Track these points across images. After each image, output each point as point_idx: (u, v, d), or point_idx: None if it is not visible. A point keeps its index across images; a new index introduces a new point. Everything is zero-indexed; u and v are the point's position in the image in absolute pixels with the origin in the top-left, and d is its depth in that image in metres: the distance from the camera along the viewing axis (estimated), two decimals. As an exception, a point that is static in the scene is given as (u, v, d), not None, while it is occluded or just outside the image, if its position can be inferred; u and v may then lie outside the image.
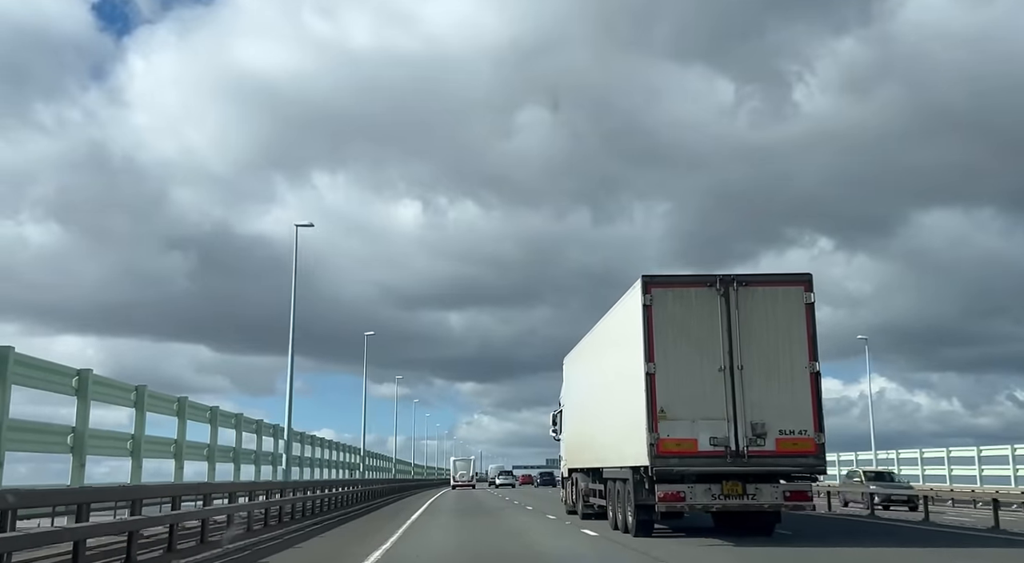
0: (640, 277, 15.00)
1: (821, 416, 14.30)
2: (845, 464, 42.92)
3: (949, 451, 37.26)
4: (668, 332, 14.59)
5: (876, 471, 32.86)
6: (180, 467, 15.92)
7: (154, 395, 14.81)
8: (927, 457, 38.81)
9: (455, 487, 68.94)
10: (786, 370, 14.39)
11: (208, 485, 15.57)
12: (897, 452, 41.66)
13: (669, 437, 14.23)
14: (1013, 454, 33.27)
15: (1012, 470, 32.53)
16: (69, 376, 11.92)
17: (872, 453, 44.20)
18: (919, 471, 38.16)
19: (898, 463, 40.25)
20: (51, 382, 11.56)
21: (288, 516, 19.71)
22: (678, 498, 14.40)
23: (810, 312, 14.55)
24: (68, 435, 11.75)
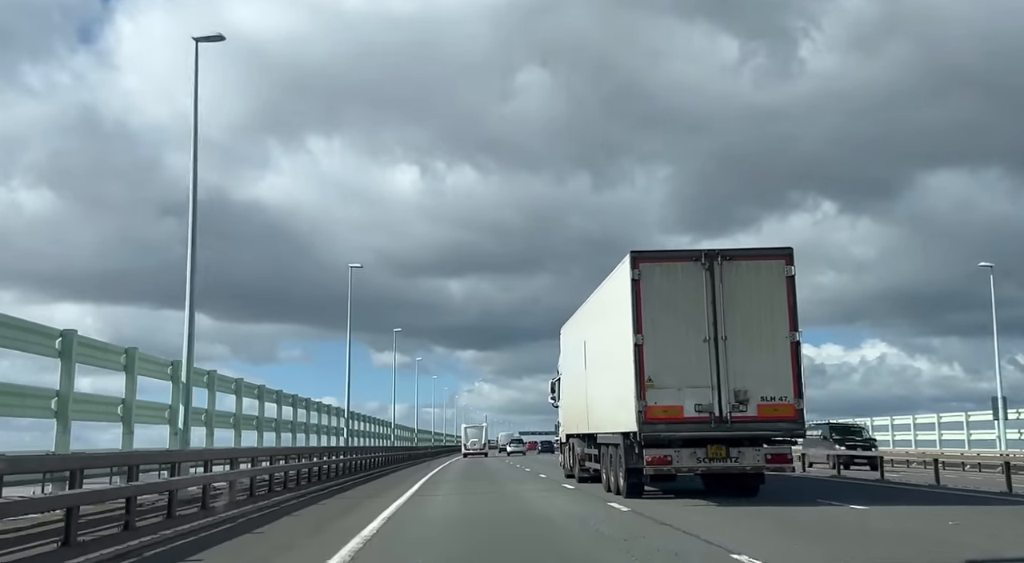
0: (629, 252, 15.69)
1: (801, 383, 15.06)
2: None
3: (915, 418, 40.59)
4: (655, 305, 15.30)
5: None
6: (175, 433, 15.60)
7: (146, 359, 14.24)
8: (897, 424, 41.67)
9: (467, 455, 67.79)
10: (768, 340, 15.11)
11: (205, 452, 15.38)
12: (871, 419, 43.30)
13: (656, 404, 15.00)
14: (967, 420, 36.24)
15: (966, 435, 35.46)
16: (52, 337, 11.40)
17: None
18: (890, 436, 40.60)
19: (872, 430, 41.96)
20: (32, 343, 11.06)
21: (293, 482, 20.40)
22: (665, 461, 15.21)
23: (791, 284, 15.24)
24: (52, 399, 11.30)
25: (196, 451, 15.44)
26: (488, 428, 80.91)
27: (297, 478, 20.82)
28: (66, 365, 11.54)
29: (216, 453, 16.10)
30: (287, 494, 18.20)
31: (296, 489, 19.66)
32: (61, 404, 11.36)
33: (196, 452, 15.28)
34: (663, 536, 10.43)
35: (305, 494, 18.69)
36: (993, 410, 33.67)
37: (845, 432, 32.36)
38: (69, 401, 11.49)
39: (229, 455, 16.50)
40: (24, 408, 11.17)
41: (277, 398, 24.13)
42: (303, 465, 21.49)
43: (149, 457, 13.03)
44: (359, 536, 10.38)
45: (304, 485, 20.97)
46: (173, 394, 15.82)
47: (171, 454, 13.91)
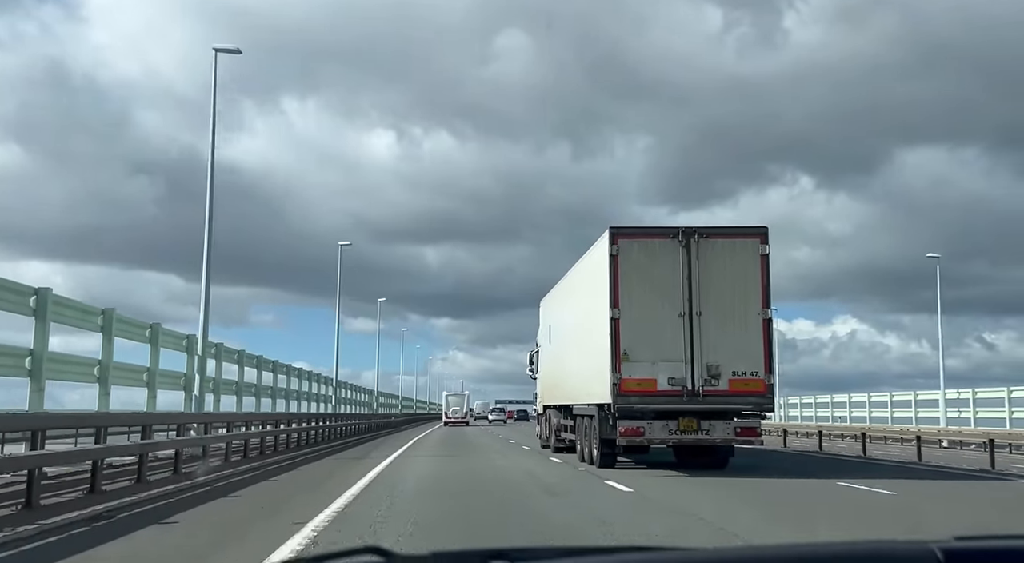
0: (608, 228, 15.98)
1: (772, 359, 15.52)
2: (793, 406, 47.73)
3: (870, 396, 42.42)
4: (632, 280, 15.62)
5: None
6: (153, 396, 15.51)
7: (124, 320, 14.04)
8: (854, 401, 43.45)
9: (447, 423, 66.39)
10: (740, 316, 15.49)
11: (178, 415, 15.26)
12: (849, 396, 44.67)
13: (631, 377, 15.37)
14: (916, 399, 38.26)
15: (914, 412, 37.15)
16: (26, 295, 11.27)
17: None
18: (847, 412, 42.88)
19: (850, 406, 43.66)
20: (5, 300, 10.94)
21: (271, 448, 20.65)
22: (638, 433, 15.61)
23: (764, 263, 15.60)
24: (26, 358, 11.18)
25: (169, 414, 15.26)
26: (470, 396, 78.09)
27: (275, 444, 21.11)
28: (40, 324, 11.41)
29: (190, 418, 15.93)
30: (264, 460, 18.46)
31: (273, 455, 19.93)
32: (35, 363, 11.26)
33: (169, 415, 15.13)
34: (621, 497, 10.83)
35: (286, 459, 18.96)
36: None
37: None
38: (44, 360, 11.40)
39: (203, 420, 16.33)
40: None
41: (258, 364, 23.92)
42: (280, 431, 21.58)
43: (118, 419, 12.97)
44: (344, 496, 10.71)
45: (283, 450, 21.26)
46: (151, 357, 15.72)
47: (143, 417, 13.78)
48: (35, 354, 11.24)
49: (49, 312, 11.46)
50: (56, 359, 11.89)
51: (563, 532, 8.15)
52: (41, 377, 11.26)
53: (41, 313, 11.36)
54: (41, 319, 11.39)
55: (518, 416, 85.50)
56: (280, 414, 24.73)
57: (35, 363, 11.24)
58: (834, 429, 32.74)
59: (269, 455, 19.52)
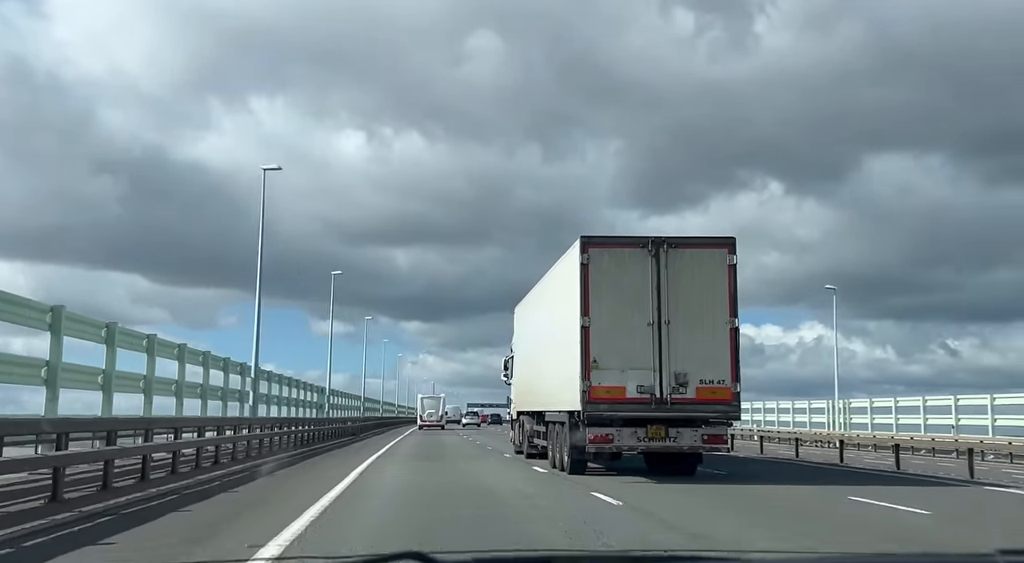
0: (579, 237, 16.22)
1: (738, 367, 15.75)
2: (758, 411, 48.63)
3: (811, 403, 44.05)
4: (602, 289, 15.86)
5: None
6: (109, 400, 14.62)
7: (75, 318, 13.04)
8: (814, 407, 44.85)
9: (422, 427, 64.78)
10: (708, 325, 15.76)
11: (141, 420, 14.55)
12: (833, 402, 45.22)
13: (600, 385, 15.60)
14: (871, 406, 39.42)
15: (870, 418, 37.96)
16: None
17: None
18: (807, 418, 44.23)
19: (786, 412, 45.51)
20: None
21: (256, 451, 20.58)
22: (607, 440, 15.83)
23: (732, 273, 15.88)
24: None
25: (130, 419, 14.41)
26: (445, 399, 76.20)
27: (260, 448, 21.01)
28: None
29: (156, 422, 15.11)
30: (228, 467, 18.39)
31: (239, 461, 19.86)
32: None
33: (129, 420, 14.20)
34: (587, 500, 11.03)
35: (251, 467, 18.92)
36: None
37: None
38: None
39: (173, 424, 15.48)
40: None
41: (179, 354, 19.92)
42: (242, 438, 20.12)
43: (72, 425, 11.76)
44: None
45: (254, 457, 21.19)
46: (107, 358, 14.76)
47: (107, 422, 12.95)
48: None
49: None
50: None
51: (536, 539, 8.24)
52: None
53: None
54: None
55: (491, 420, 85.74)
56: (252, 419, 24.35)
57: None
58: (811, 435, 33.02)
59: (232, 462, 18.48)
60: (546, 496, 13.06)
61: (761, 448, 30.59)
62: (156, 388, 16.90)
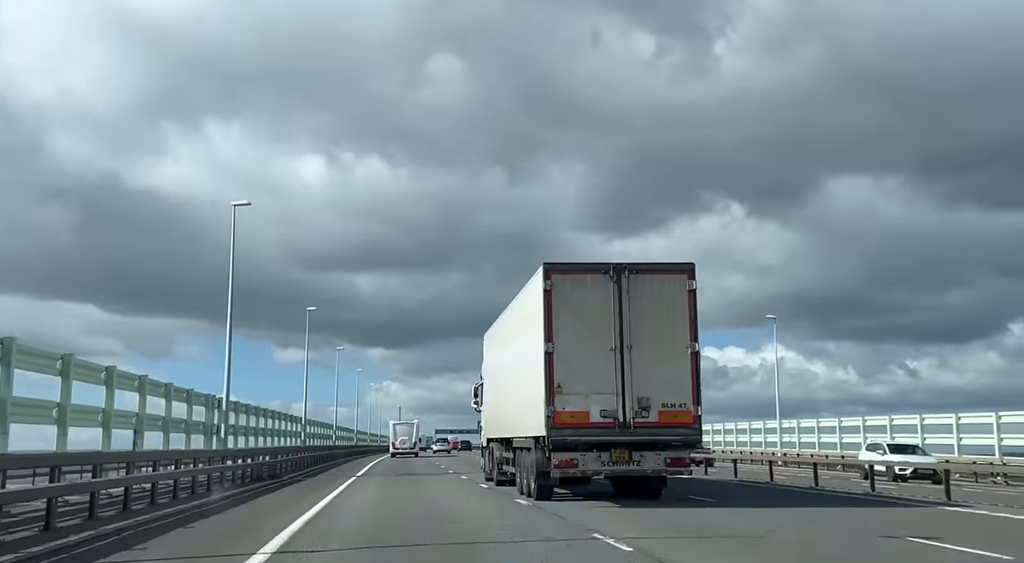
0: (542, 264, 16.46)
1: (699, 391, 16.00)
2: (718, 432, 49.80)
3: (840, 421, 42.23)
4: (565, 315, 16.08)
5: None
6: (64, 434, 14.17)
7: (26, 351, 12.56)
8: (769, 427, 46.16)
9: (395, 455, 63.06)
10: (669, 350, 16.01)
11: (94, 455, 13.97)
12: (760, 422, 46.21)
13: (564, 410, 15.78)
14: (839, 425, 39.90)
15: (862, 438, 36.99)
16: None
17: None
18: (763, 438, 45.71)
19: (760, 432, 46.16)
20: None
21: (217, 483, 20.44)
22: (571, 465, 15.98)
23: (692, 298, 16.18)
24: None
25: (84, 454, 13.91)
26: (419, 425, 74.07)
27: (222, 479, 20.82)
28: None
29: (107, 457, 14.50)
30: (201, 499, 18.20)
31: (197, 496, 19.69)
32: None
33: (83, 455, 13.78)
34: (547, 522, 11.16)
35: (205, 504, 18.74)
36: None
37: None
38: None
39: (125, 459, 14.79)
40: None
41: (140, 386, 19.07)
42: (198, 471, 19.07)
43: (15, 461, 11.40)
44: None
45: (228, 486, 21.03)
46: (62, 391, 14.23)
47: (52, 457, 12.55)
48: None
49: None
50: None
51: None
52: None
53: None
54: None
55: (462, 446, 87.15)
56: (218, 451, 23.74)
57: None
58: (781, 456, 33.31)
59: (191, 496, 17.69)
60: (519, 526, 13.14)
61: (735, 470, 30.79)
62: (115, 421, 16.45)
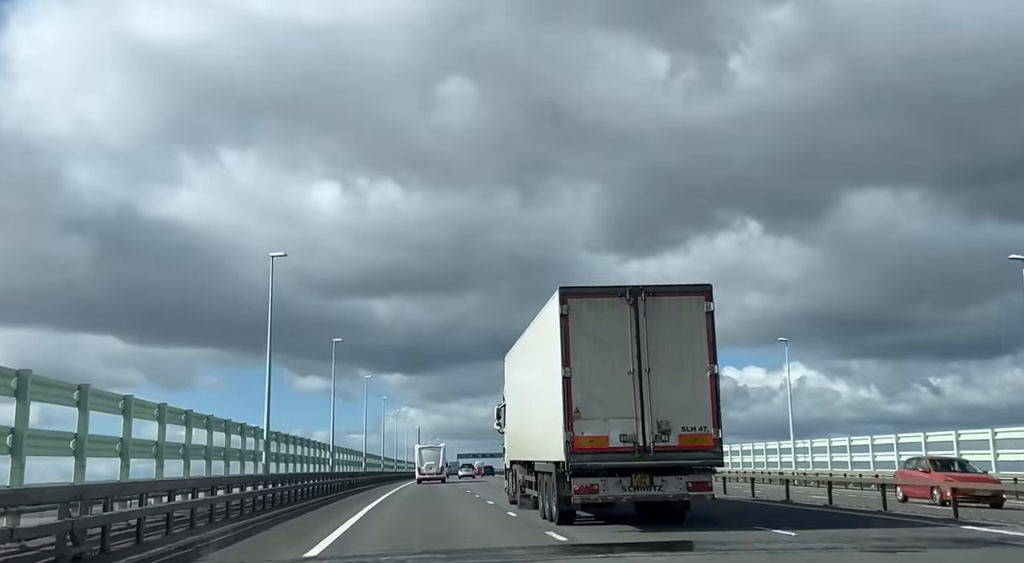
0: (558, 288, 16.40)
1: (719, 413, 15.82)
2: (735, 453, 49.21)
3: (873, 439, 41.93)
4: (582, 339, 15.99)
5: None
6: (82, 466, 14.17)
7: (42, 382, 12.74)
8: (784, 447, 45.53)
9: (421, 480, 60.94)
10: (688, 372, 15.86)
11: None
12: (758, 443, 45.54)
13: (583, 435, 15.66)
14: (872, 443, 39.62)
15: (897, 455, 36.06)
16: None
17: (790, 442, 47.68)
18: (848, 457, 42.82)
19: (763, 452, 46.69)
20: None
21: (249, 508, 20.49)
22: (592, 490, 15.85)
23: (710, 319, 16.02)
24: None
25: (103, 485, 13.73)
26: (446, 449, 70.92)
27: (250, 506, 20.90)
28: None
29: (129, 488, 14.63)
30: (227, 524, 18.31)
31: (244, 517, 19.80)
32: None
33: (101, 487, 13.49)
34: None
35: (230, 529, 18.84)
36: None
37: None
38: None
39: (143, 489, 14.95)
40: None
41: (186, 419, 20.49)
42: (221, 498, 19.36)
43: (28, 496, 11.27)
44: None
45: (259, 510, 21.11)
46: (80, 422, 14.25)
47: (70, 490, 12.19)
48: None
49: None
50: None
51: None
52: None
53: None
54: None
55: (485, 471, 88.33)
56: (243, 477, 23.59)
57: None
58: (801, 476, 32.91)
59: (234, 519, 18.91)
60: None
61: (753, 491, 30.44)
62: (134, 451, 16.37)
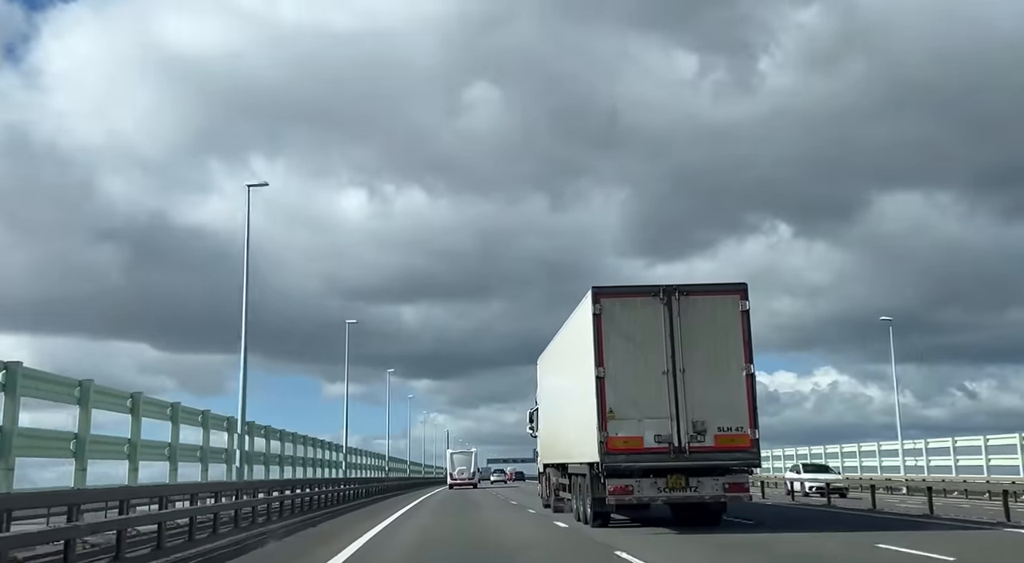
0: (591, 288, 16.27)
1: (756, 414, 15.58)
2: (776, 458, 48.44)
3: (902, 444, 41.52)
4: (615, 339, 15.83)
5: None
6: (135, 469, 14.77)
7: (103, 391, 13.69)
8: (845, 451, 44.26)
9: (452, 486, 60.75)
10: (724, 372, 15.64)
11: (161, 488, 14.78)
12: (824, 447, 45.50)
13: (617, 435, 15.49)
14: (902, 448, 39.04)
15: (902, 461, 37.72)
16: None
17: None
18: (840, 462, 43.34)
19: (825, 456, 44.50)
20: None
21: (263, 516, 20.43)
22: (627, 491, 15.67)
23: (745, 319, 15.80)
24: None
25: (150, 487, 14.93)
26: (477, 454, 70.17)
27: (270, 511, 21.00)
28: (10, 400, 10.82)
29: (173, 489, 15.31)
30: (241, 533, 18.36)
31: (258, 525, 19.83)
32: (3, 440, 10.66)
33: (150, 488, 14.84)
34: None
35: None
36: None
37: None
38: (13, 437, 10.81)
39: (190, 490, 15.62)
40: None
41: (266, 433, 23.12)
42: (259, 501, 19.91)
43: (91, 496, 12.40)
44: None
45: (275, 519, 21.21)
46: (133, 428, 14.90)
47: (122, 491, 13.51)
48: (3, 431, 10.65)
49: (19, 386, 10.91)
50: (26, 435, 11.33)
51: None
52: (10, 455, 10.74)
53: (11, 387, 10.84)
54: (11, 394, 10.83)
55: (516, 477, 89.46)
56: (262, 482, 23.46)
57: (4, 440, 10.62)
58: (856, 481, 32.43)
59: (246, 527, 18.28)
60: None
61: (792, 495, 30.03)
62: (180, 455, 16.88)
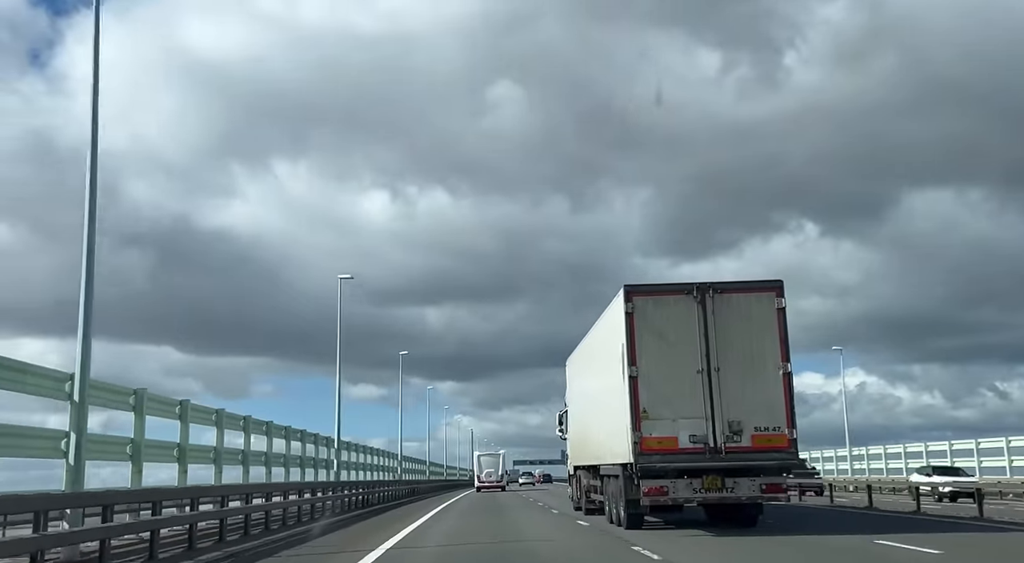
0: (623, 286, 16.02)
1: (794, 413, 15.26)
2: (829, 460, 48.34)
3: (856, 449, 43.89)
4: (649, 338, 15.58)
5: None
6: (184, 471, 16.29)
7: (155, 399, 15.12)
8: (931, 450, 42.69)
9: (480, 488, 59.41)
10: (760, 371, 15.34)
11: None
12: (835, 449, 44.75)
13: (651, 436, 15.23)
14: (927, 449, 39.64)
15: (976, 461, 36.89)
16: (61, 381, 12.09)
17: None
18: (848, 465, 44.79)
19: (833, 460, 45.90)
20: (43, 387, 11.78)
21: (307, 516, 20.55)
22: (661, 492, 15.40)
23: (781, 316, 15.49)
24: (62, 441, 11.89)
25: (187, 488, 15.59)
26: (506, 456, 68.73)
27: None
28: (139, 417, 13.46)
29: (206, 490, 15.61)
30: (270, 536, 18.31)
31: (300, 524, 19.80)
32: (135, 449, 13.26)
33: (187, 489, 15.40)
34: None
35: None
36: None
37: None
38: (84, 442, 12.05)
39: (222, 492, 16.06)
40: (30, 449, 11.65)
41: (267, 429, 22.86)
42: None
43: (126, 496, 12.99)
44: None
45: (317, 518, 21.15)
46: (182, 433, 16.29)
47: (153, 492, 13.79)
48: (134, 442, 13.39)
49: (145, 407, 13.76)
50: (94, 440, 12.92)
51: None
52: (81, 458, 11.94)
53: (139, 409, 13.68)
54: (139, 414, 13.74)
55: (543, 479, 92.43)
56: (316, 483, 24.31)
57: (135, 449, 13.42)
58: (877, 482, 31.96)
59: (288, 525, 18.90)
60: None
61: (831, 497, 29.57)
62: (226, 458, 18.43)
